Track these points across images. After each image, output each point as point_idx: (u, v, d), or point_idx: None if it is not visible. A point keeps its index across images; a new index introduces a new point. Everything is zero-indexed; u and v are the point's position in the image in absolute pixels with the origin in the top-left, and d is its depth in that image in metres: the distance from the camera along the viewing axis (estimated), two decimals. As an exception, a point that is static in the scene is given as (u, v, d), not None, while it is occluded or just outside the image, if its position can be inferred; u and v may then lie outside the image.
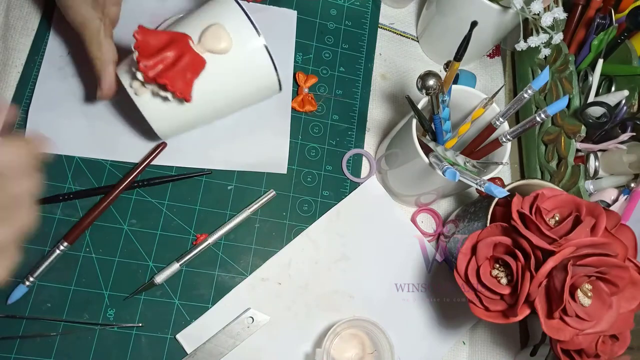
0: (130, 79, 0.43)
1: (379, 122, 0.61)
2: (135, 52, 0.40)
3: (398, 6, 0.67)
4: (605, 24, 0.57)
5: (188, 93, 0.42)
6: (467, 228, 0.50)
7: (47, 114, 0.50)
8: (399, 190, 0.56)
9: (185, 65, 0.41)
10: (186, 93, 0.42)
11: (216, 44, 0.42)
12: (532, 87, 0.42)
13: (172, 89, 0.41)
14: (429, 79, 0.43)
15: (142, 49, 0.40)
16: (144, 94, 0.43)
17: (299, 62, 0.60)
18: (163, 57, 0.40)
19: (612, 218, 0.41)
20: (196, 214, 0.51)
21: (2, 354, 0.44)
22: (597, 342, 0.39)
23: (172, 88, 0.41)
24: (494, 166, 0.46)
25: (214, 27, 0.42)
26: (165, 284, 0.49)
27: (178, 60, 0.41)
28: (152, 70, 0.40)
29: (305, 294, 0.52)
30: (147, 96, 0.43)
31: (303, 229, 0.54)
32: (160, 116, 0.44)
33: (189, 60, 0.41)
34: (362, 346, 0.50)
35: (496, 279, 0.41)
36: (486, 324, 0.56)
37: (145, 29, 0.41)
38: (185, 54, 0.41)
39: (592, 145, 0.54)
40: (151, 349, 0.47)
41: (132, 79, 0.43)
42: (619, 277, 0.38)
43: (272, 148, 0.55)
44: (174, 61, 0.41)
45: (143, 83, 0.42)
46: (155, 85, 0.42)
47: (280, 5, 0.61)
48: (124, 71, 0.43)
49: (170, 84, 0.41)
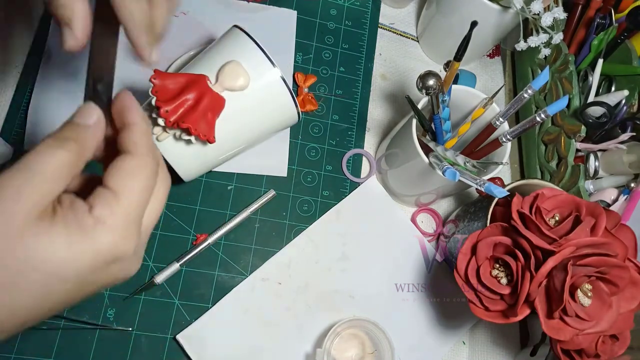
0: (151, 125, 0.42)
1: (379, 122, 0.61)
2: (154, 97, 0.39)
3: (398, 6, 0.67)
4: (605, 24, 0.57)
5: (212, 135, 0.41)
6: (467, 228, 0.50)
7: (46, 113, 0.50)
8: (399, 190, 0.56)
9: (206, 107, 0.40)
10: (210, 135, 0.41)
11: (234, 81, 0.42)
12: (532, 87, 0.42)
13: (196, 132, 0.40)
14: (429, 79, 0.43)
15: (160, 93, 0.39)
16: (165, 140, 0.42)
17: (299, 62, 0.60)
18: (183, 100, 0.40)
19: (612, 218, 0.41)
20: (196, 214, 0.51)
21: (2, 354, 0.44)
22: (597, 342, 0.39)
23: (195, 132, 0.40)
24: (494, 166, 0.46)
25: (231, 64, 0.42)
26: (165, 284, 0.49)
27: (198, 102, 0.40)
28: (173, 115, 0.39)
29: (305, 294, 0.52)
30: (169, 141, 0.42)
31: (303, 229, 0.54)
32: (184, 160, 0.44)
33: (208, 101, 0.40)
34: (362, 346, 0.50)
35: (496, 279, 0.41)
36: (486, 324, 0.56)
37: (161, 73, 0.40)
38: (204, 95, 0.40)
39: (592, 145, 0.54)
40: (151, 349, 0.47)
41: (153, 125, 0.41)
42: (619, 277, 0.38)
43: (272, 151, 0.55)
44: (194, 104, 0.40)
45: (165, 128, 0.41)
46: (178, 130, 0.41)
47: (280, 5, 0.61)
48: None
49: (194, 127, 0.40)
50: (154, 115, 0.41)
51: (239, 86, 0.42)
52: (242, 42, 0.43)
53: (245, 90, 0.43)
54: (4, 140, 0.48)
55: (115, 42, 0.30)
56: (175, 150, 0.43)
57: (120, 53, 0.47)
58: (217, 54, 0.44)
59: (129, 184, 0.24)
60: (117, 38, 0.30)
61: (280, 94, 0.44)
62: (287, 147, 0.56)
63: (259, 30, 0.45)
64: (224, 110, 0.42)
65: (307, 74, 0.59)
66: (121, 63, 0.52)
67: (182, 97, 0.40)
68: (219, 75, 0.42)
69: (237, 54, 0.43)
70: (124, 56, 0.45)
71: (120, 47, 0.46)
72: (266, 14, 0.60)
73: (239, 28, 0.44)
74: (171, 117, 0.39)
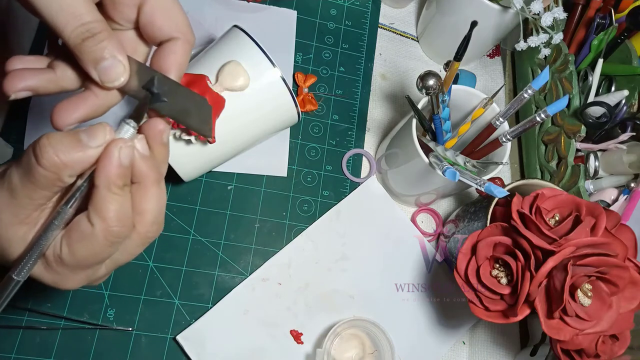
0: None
1: (379, 122, 0.61)
2: None
3: (398, 6, 0.67)
4: (605, 24, 0.57)
5: (212, 134, 0.41)
6: (467, 228, 0.50)
7: (47, 113, 0.50)
8: (399, 190, 0.56)
9: None
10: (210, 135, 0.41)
11: (234, 81, 0.42)
12: (532, 87, 0.42)
13: (196, 132, 0.40)
14: (429, 79, 0.43)
15: None
16: None
17: (298, 62, 0.60)
18: None
19: (612, 218, 0.41)
20: (196, 214, 0.51)
21: (2, 354, 0.44)
22: (597, 342, 0.39)
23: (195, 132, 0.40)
24: (494, 166, 0.46)
25: (230, 64, 0.42)
26: (165, 283, 0.49)
27: None
28: None
29: (305, 294, 0.52)
30: (169, 141, 0.42)
31: (303, 229, 0.54)
32: (184, 160, 0.44)
33: (209, 101, 0.40)
34: (362, 346, 0.50)
35: (496, 279, 0.41)
36: (486, 324, 0.56)
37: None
38: (204, 95, 0.40)
39: (592, 145, 0.54)
40: (151, 349, 0.47)
41: None
42: (619, 277, 0.38)
43: (272, 151, 0.55)
44: None
45: None
46: (178, 130, 0.41)
47: (280, 5, 0.61)
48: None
49: None
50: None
51: (239, 86, 0.42)
52: (242, 42, 0.43)
53: (245, 90, 0.43)
54: (4, 140, 0.48)
55: None
56: (175, 150, 0.43)
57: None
58: (217, 54, 0.44)
59: (79, 247, 0.24)
60: None
61: (280, 94, 0.44)
62: (287, 147, 0.56)
63: (259, 30, 0.45)
64: (224, 110, 0.42)
65: (307, 74, 0.59)
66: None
67: None
68: (219, 75, 0.42)
69: (237, 54, 0.43)
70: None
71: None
72: (266, 14, 0.60)
73: (239, 28, 0.44)
74: None
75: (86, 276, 0.26)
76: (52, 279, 0.26)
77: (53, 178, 0.23)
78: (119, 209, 0.24)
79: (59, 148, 0.23)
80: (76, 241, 0.24)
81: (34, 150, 0.23)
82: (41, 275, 0.26)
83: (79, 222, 0.24)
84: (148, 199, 0.26)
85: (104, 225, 0.24)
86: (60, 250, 0.24)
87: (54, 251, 0.25)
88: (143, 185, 0.26)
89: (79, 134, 0.24)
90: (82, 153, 0.23)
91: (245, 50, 0.43)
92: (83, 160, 0.23)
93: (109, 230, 0.24)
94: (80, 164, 0.24)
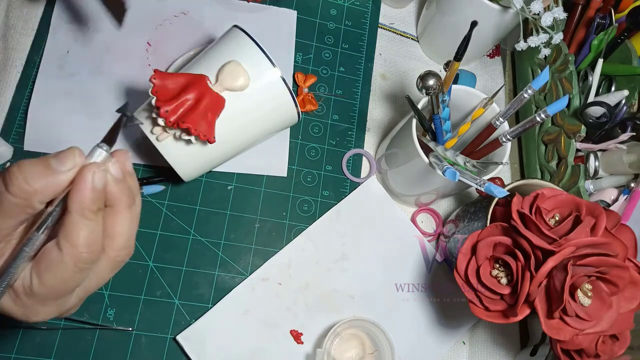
0: (151, 125, 0.42)
1: (379, 122, 0.61)
2: (154, 97, 0.39)
3: (398, 6, 0.67)
4: (605, 24, 0.57)
5: (212, 135, 0.41)
6: (467, 228, 0.50)
7: (46, 113, 0.50)
8: (399, 190, 0.56)
9: (206, 107, 0.40)
10: (210, 135, 0.41)
11: (234, 81, 0.42)
12: (532, 87, 0.42)
13: (196, 132, 0.40)
14: (429, 79, 0.43)
15: (160, 93, 0.39)
16: (165, 139, 0.42)
17: (298, 62, 0.60)
18: (183, 100, 0.40)
19: (612, 218, 0.41)
20: (196, 214, 0.51)
21: (2, 354, 0.44)
22: (597, 342, 0.39)
23: (195, 132, 0.40)
24: (494, 166, 0.46)
25: (230, 64, 0.42)
26: (165, 283, 0.49)
27: (198, 102, 0.40)
28: (173, 115, 0.39)
29: (305, 294, 0.52)
30: (169, 141, 0.42)
31: (303, 229, 0.54)
32: (184, 160, 0.44)
33: (209, 101, 0.41)
34: (362, 346, 0.50)
35: (496, 279, 0.41)
36: (486, 324, 0.56)
37: (161, 73, 0.40)
38: (204, 95, 0.40)
39: (592, 145, 0.54)
40: (151, 349, 0.47)
41: (153, 124, 0.42)
42: (619, 277, 0.38)
43: (272, 151, 0.55)
44: (194, 104, 0.40)
45: (165, 128, 0.41)
46: (178, 130, 0.41)
47: (280, 5, 0.61)
48: (144, 117, 0.43)
49: (194, 127, 0.40)
50: (154, 115, 0.41)
51: (239, 86, 0.42)
52: (242, 42, 0.43)
53: (245, 90, 0.43)
54: (4, 140, 0.48)
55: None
56: (175, 150, 0.43)
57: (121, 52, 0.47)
58: (217, 54, 0.44)
59: (49, 276, 0.24)
60: None
61: (280, 93, 0.44)
62: (287, 147, 0.56)
63: (259, 30, 0.45)
64: (224, 110, 0.42)
65: (307, 74, 0.59)
66: (121, 63, 0.53)
67: (182, 97, 0.40)
68: (219, 75, 0.42)
69: (237, 54, 0.43)
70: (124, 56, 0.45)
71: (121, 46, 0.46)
72: (266, 14, 0.60)
73: (239, 28, 0.44)
74: (171, 117, 0.39)
75: (57, 307, 0.26)
76: (21, 312, 0.25)
77: (23, 205, 0.23)
78: (89, 235, 0.24)
79: (28, 175, 0.23)
80: (45, 270, 0.24)
81: (4, 179, 0.23)
82: (10, 308, 0.25)
83: (48, 250, 0.24)
84: (119, 223, 0.26)
85: (73, 251, 0.24)
86: (31, 281, 0.24)
87: (23, 282, 0.24)
88: (115, 209, 0.26)
89: (49, 160, 0.24)
90: (52, 178, 0.23)
91: (245, 50, 0.43)
92: (53, 185, 0.23)
93: (78, 257, 0.24)
94: (51, 190, 0.23)
